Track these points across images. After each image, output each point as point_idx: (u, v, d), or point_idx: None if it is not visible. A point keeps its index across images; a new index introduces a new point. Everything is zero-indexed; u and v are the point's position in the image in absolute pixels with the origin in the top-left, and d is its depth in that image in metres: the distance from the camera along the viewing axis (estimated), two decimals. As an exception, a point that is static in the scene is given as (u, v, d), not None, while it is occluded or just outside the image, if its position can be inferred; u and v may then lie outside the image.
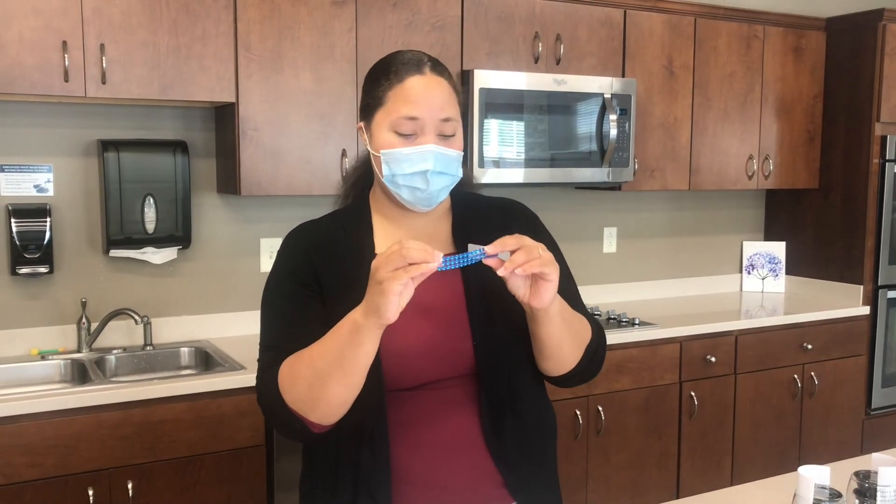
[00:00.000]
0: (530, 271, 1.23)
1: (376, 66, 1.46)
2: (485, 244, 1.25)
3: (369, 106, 1.44)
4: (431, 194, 1.40)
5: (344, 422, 1.35)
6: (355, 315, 1.24)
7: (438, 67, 1.43)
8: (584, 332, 1.45)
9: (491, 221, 1.51)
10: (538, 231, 1.56)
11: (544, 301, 1.28)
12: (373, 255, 1.43)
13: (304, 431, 1.35)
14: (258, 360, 1.43)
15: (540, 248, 1.25)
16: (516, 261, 1.23)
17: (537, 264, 1.23)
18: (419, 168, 1.37)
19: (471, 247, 1.26)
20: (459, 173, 1.43)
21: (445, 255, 1.22)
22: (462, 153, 1.43)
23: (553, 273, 1.25)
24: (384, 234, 1.48)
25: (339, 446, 1.40)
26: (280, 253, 1.49)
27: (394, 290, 1.17)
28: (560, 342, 1.39)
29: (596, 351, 1.49)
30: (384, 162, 1.39)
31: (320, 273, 1.42)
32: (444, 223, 1.51)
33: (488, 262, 1.26)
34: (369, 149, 1.44)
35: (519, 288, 1.28)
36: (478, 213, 1.53)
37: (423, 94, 1.38)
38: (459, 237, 1.47)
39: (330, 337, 1.29)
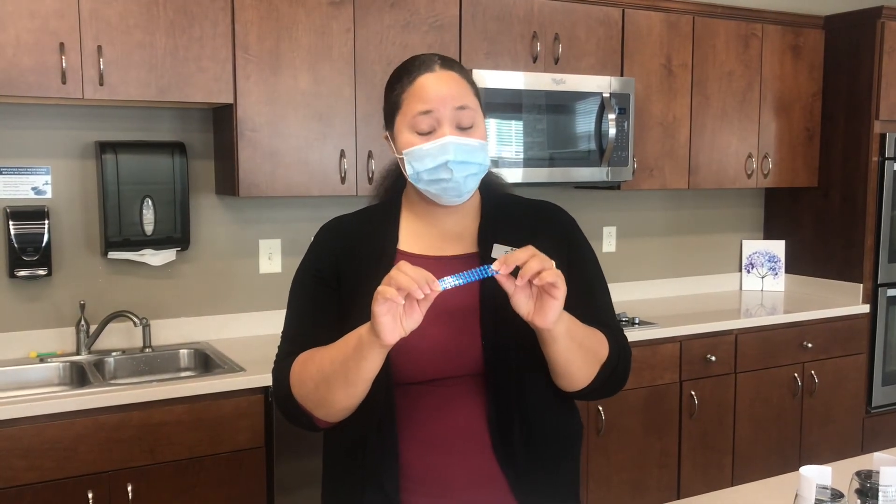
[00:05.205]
0: (546, 280, 1.22)
1: (393, 74, 1.48)
2: (510, 246, 1.26)
3: (390, 113, 1.46)
4: (458, 183, 1.39)
5: (353, 414, 1.39)
6: (362, 330, 1.28)
7: (449, 63, 1.45)
8: (600, 351, 1.42)
9: (520, 224, 1.50)
10: (574, 238, 1.54)
11: (548, 320, 1.27)
12: (395, 249, 1.46)
13: (310, 425, 1.43)
14: (278, 347, 1.50)
15: (553, 263, 1.24)
16: (532, 267, 1.23)
17: (552, 275, 1.22)
18: (440, 160, 1.38)
19: (496, 254, 1.26)
20: (486, 162, 1.43)
21: (448, 276, 1.24)
22: (485, 142, 1.43)
23: (560, 291, 1.24)
24: (410, 231, 1.49)
25: (349, 438, 1.43)
26: (310, 247, 1.54)
27: (377, 311, 1.21)
28: (569, 362, 1.37)
29: (615, 369, 1.45)
30: (407, 162, 1.41)
31: (342, 269, 1.46)
32: (471, 222, 1.50)
33: (496, 276, 1.25)
34: (396, 155, 1.46)
35: (523, 305, 1.28)
36: (508, 215, 1.51)
37: (434, 88, 1.39)
38: (484, 237, 1.46)
39: (339, 345, 1.33)
